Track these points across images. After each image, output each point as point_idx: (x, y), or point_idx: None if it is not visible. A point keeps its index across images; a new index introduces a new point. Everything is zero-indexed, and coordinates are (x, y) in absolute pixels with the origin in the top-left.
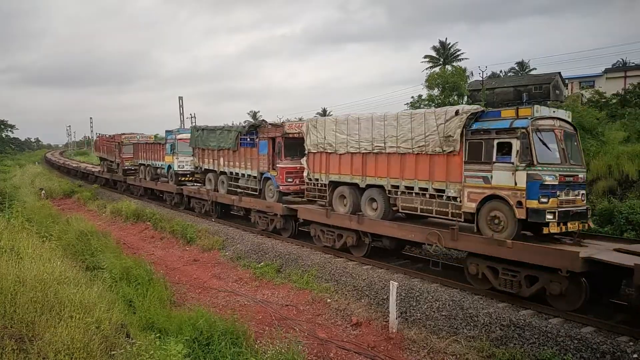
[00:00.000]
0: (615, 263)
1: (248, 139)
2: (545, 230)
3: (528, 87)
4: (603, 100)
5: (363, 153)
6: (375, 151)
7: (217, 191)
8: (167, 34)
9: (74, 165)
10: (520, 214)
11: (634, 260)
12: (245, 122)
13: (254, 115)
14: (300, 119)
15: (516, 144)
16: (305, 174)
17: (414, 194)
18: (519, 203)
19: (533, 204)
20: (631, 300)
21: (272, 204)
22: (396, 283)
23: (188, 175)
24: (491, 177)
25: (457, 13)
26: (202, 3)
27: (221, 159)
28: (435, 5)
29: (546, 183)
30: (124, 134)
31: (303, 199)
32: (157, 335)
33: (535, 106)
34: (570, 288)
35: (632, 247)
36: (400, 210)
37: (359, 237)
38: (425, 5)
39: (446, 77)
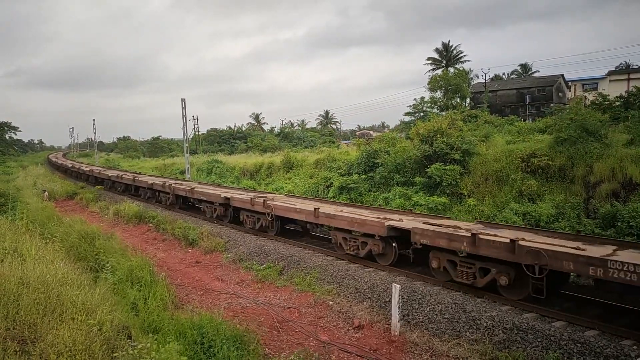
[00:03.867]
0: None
1: None
2: None
3: (531, 90)
4: (606, 102)
5: None
6: None
7: None
8: (174, 39)
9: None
10: None
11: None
12: (247, 124)
13: (256, 117)
14: (302, 121)
15: None
16: None
17: None
18: None
19: None
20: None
21: None
22: (398, 286)
23: None
24: None
25: (457, 18)
26: (209, 8)
27: None
28: (434, 10)
29: None
30: None
31: None
32: (156, 338)
33: None
34: None
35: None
36: None
37: None
38: (424, 11)
39: (449, 80)
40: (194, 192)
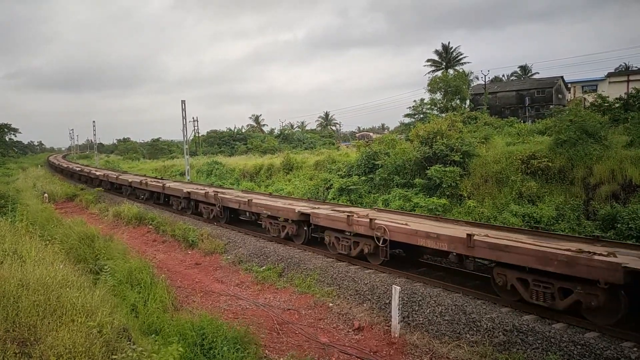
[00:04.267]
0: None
1: None
2: None
3: (530, 91)
4: (606, 104)
5: None
6: None
7: None
8: (174, 39)
9: (97, 173)
10: None
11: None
12: (247, 125)
13: (256, 118)
14: (302, 123)
15: None
16: None
17: None
18: None
19: None
20: None
21: None
22: (398, 287)
23: None
24: None
25: (457, 19)
26: (209, 10)
27: None
28: (434, 11)
29: None
30: None
31: None
32: (156, 340)
33: None
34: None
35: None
36: None
37: None
38: (424, 12)
39: (448, 81)
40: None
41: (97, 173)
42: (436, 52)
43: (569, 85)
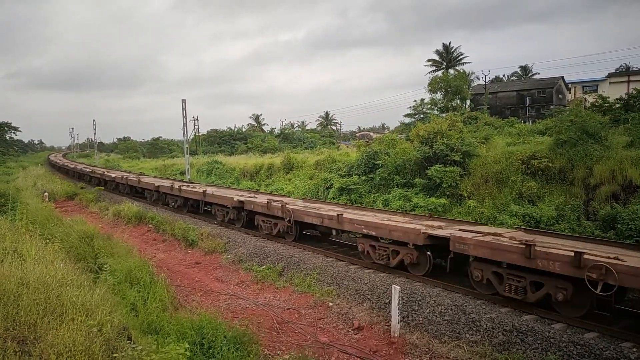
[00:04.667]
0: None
1: None
2: None
3: (531, 92)
4: (606, 104)
5: None
6: None
7: None
8: (174, 40)
9: (112, 175)
10: None
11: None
12: (247, 125)
13: (257, 118)
14: (302, 122)
15: None
16: None
17: None
18: None
19: None
20: None
21: None
22: (398, 287)
23: None
24: None
25: (456, 20)
26: (209, 10)
27: None
28: (434, 12)
29: None
30: None
31: None
32: (156, 339)
33: None
34: None
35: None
36: None
37: None
38: (424, 12)
39: (449, 81)
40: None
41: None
42: (437, 52)
43: (570, 86)
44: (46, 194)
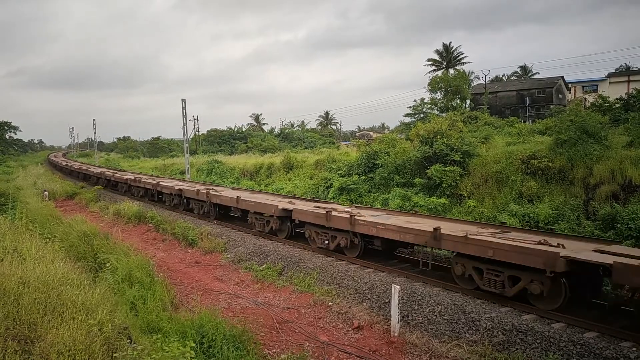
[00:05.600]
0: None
1: None
2: None
3: (531, 91)
4: (606, 104)
5: None
6: None
7: None
8: (175, 39)
9: (129, 177)
10: None
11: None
12: (247, 124)
13: (257, 117)
14: (302, 122)
15: None
16: None
17: None
18: None
19: None
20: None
21: None
22: (398, 287)
23: None
24: None
25: (456, 20)
26: (211, 10)
27: None
28: (433, 13)
29: None
30: None
31: None
32: (157, 338)
33: None
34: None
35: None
36: None
37: None
38: (423, 13)
39: (449, 81)
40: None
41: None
42: (437, 51)
43: (570, 86)
44: (46, 193)
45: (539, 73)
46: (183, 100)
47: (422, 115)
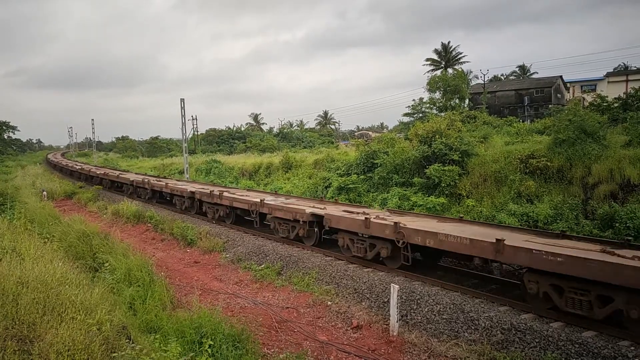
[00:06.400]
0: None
1: None
2: None
3: (529, 91)
4: (605, 104)
5: None
6: None
7: None
8: (175, 39)
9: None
10: None
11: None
12: (246, 124)
13: (255, 117)
14: (301, 121)
15: None
16: None
17: None
18: None
19: None
20: None
21: None
22: (397, 286)
23: None
24: None
25: (454, 20)
26: (210, 10)
27: None
28: (432, 13)
29: None
30: None
31: None
32: (156, 337)
33: None
34: None
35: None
36: None
37: None
38: (422, 13)
39: (448, 80)
40: None
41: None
42: (435, 51)
43: (568, 85)
44: (45, 193)
45: (537, 72)
46: (182, 100)
47: (420, 115)
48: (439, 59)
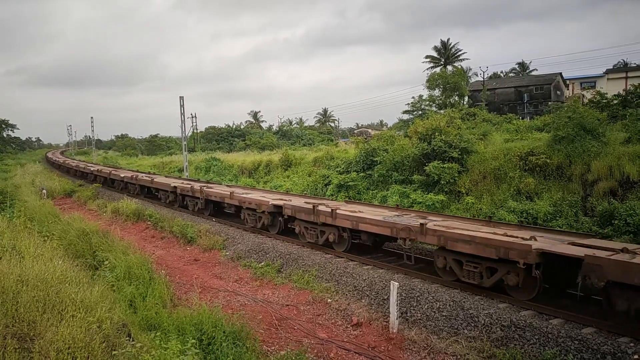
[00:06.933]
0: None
1: None
2: None
3: (529, 88)
4: (604, 101)
5: None
6: None
7: None
8: (175, 38)
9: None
10: None
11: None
12: (246, 122)
13: (255, 115)
14: (301, 119)
15: None
16: None
17: None
18: None
19: None
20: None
21: None
22: (397, 283)
23: None
24: None
25: (453, 19)
26: (210, 9)
27: None
28: (430, 11)
29: None
30: None
31: None
32: (157, 334)
33: None
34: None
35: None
36: None
37: None
38: (420, 12)
39: (447, 78)
40: None
41: (123, 175)
42: (435, 48)
43: (568, 82)
44: (44, 191)
45: (537, 70)
46: (181, 98)
47: (420, 112)
48: (438, 57)
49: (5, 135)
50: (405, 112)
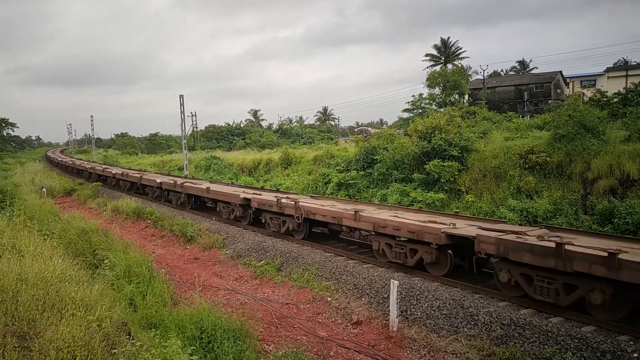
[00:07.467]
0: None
1: None
2: None
3: (529, 86)
4: (604, 99)
5: None
6: None
7: None
8: (174, 37)
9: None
10: None
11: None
12: (246, 120)
13: (255, 113)
14: (301, 117)
15: None
16: None
17: None
18: None
19: None
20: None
21: None
22: (397, 282)
23: None
24: None
25: (452, 17)
26: (210, 8)
27: None
28: (429, 10)
29: None
30: None
31: None
32: (157, 333)
33: None
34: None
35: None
36: None
37: None
38: (419, 11)
39: (447, 76)
40: None
41: (114, 171)
42: (435, 46)
43: (568, 80)
44: (44, 190)
45: (537, 68)
46: (181, 97)
47: (420, 111)
48: (438, 55)
49: (5, 134)
50: (405, 110)
